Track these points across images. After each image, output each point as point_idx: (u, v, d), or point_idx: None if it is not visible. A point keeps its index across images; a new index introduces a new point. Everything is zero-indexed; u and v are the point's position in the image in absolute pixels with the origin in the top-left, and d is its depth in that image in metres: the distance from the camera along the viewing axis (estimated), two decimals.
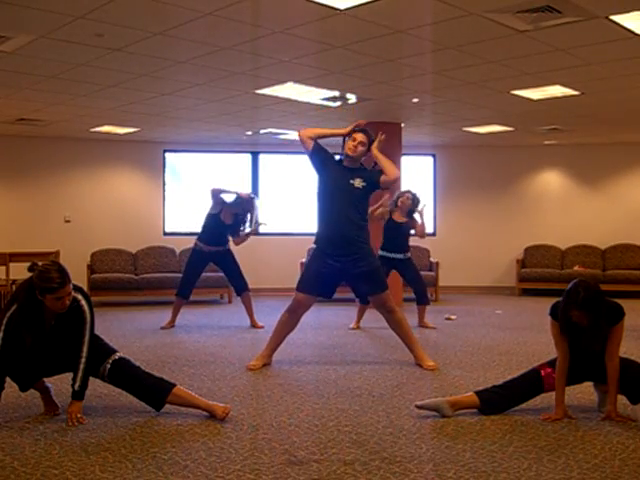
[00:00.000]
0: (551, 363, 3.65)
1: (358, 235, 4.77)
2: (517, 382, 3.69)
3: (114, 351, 3.65)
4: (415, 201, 6.84)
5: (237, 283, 7.07)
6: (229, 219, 6.89)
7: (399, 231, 6.81)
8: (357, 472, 2.77)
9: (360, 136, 4.80)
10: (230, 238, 7.00)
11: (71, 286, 3.36)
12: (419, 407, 3.58)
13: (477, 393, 3.68)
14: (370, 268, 4.83)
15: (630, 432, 3.28)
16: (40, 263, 3.38)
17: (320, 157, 4.91)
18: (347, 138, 4.85)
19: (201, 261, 6.99)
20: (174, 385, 3.62)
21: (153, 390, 3.60)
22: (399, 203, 6.81)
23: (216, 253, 6.92)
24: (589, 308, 3.34)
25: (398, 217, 6.84)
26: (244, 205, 6.90)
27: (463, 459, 2.91)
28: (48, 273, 3.29)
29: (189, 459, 2.92)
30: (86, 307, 3.48)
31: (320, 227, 4.91)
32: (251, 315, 7.07)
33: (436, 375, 4.68)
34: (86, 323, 3.47)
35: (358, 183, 4.75)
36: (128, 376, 3.61)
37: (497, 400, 3.63)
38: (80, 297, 3.48)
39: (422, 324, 7.01)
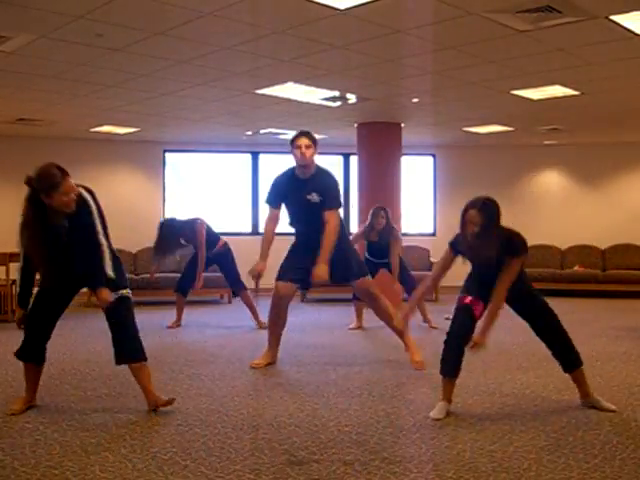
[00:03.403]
0: (465, 290, 3.73)
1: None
2: (454, 325, 3.72)
3: (125, 286, 3.64)
4: (388, 220, 6.72)
5: (232, 284, 7.08)
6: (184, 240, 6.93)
7: (379, 246, 6.73)
8: (357, 472, 2.77)
9: (304, 140, 4.64)
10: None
11: (72, 180, 3.39)
12: (437, 419, 3.55)
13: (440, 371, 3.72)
14: (344, 253, 4.78)
15: (630, 432, 3.28)
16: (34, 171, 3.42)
17: (277, 195, 4.91)
18: (292, 148, 4.70)
19: (197, 263, 6.97)
20: (144, 360, 3.64)
21: (128, 349, 3.60)
22: (376, 226, 6.66)
23: (212, 256, 6.90)
24: (485, 211, 3.51)
25: (374, 237, 6.73)
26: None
27: (463, 459, 2.91)
28: (48, 171, 3.35)
29: (189, 459, 2.92)
30: (88, 197, 3.50)
31: (295, 233, 4.98)
32: (254, 314, 7.00)
33: (436, 375, 4.67)
34: (92, 212, 3.48)
35: (315, 198, 4.64)
36: (121, 318, 3.60)
37: (447, 353, 3.66)
38: (83, 190, 3.50)
39: (426, 320, 7.00)
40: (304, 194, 4.66)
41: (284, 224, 5.10)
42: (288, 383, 4.43)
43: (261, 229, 7.32)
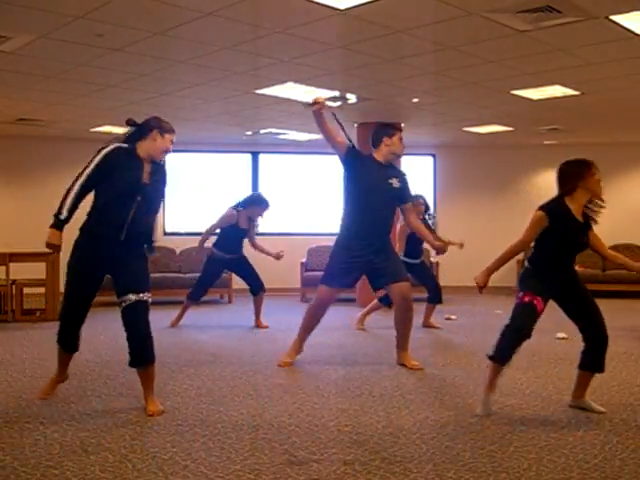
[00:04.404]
0: (526, 289, 3.65)
1: (387, 231, 4.93)
2: (515, 320, 3.65)
3: (146, 289, 3.63)
4: (426, 207, 6.79)
5: (254, 284, 7.05)
6: (245, 224, 6.91)
7: (416, 238, 6.69)
8: (357, 472, 2.77)
9: (401, 134, 4.93)
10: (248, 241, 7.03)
11: None
12: (484, 415, 3.55)
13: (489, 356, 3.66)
14: (392, 257, 4.92)
15: (630, 432, 3.28)
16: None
17: (355, 158, 4.83)
18: (389, 137, 4.84)
19: (217, 269, 7.02)
20: (153, 361, 3.68)
21: (140, 353, 3.64)
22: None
23: (232, 260, 6.92)
24: None
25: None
26: (258, 207, 6.92)
27: (463, 459, 2.91)
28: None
29: (189, 459, 2.92)
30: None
31: (352, 221, 4.86)
32: (257, 315, 7.05)
33: (436, 375, 4.68)
34: (166, 182, 3.87)
35: (396, 183, 4.85)
36: (139, 322, 3.60)
37: (506, 344, 3.60)
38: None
39: (427, 324, 7.01)
40: (386, 178, 4.82)
41: (285, 225, 5.10)
42: (288, 383, 4.43)
43: (262, 229, 7.41)
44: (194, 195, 10.96)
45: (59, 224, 3.58)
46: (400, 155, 4.98)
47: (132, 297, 3.56)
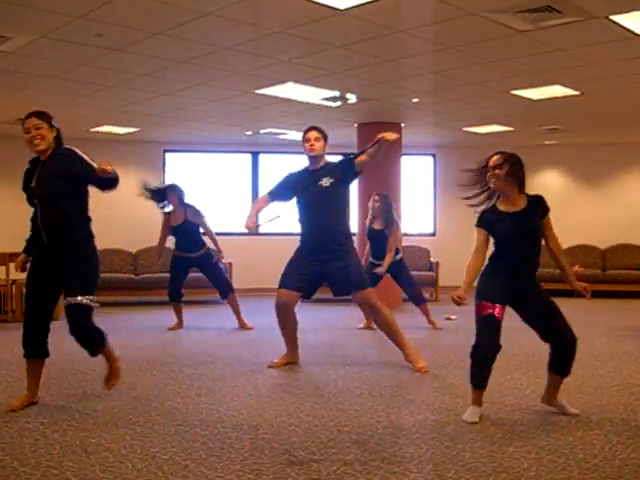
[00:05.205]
0: (482, 296, 3.65)
1: (337, 237, 4.79)
2: (480, 338, 3.64)
3: (89, 292, 3.65)
4: (386, 203, 6.72)
5: (220, 286, 6.99)
6: (178, 218, 6.82)
7: (380, 238, 6.71)
8: (357, 472, 2.76)
9: (313, 133, 4.85)
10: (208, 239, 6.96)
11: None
12: (474, 422, 3.48)
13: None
14: (349, 264, 4.79)
15: (630, 432, 3.28)
16: None
17: (283, 191, 5.02)
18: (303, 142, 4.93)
19: (180, 266, 6.92)
20: (99, 351, 3.79)
21: (83, 346, 3.74)
22: (372, 210, 6.75)
23: (194, 258, 6.83)
24: (510, 158, 3.61)
25: (377, 224, 6.75)
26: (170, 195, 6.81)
27: (463, 459, 2.91)
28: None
29: (189, 459, 2.91)
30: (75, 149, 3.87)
31: (302, 233, 4.95)
32: (238, 316, 7.00)
33: (436, 375, 4.68)
34: (83, 160, 3.91)
35: (326, 182, 4.77)
36: (71, 324, 3.63)
37: (476, 369, 3.57)
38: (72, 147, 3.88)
39: (430, 322, 7.01)
40: (316, 182, 4.80)
41: (283, 225, 5.11)
42: (288, 383, 4.43)
43: (262, 230, 7.40)
44: (194, 195, 10.94)
45: (25, 246, 4.06)
46: (313, 156, 4.85)
47: (69, 299, 3.62)
